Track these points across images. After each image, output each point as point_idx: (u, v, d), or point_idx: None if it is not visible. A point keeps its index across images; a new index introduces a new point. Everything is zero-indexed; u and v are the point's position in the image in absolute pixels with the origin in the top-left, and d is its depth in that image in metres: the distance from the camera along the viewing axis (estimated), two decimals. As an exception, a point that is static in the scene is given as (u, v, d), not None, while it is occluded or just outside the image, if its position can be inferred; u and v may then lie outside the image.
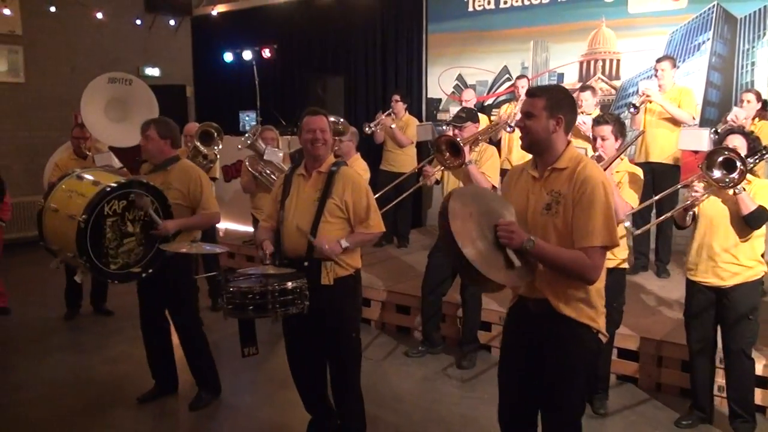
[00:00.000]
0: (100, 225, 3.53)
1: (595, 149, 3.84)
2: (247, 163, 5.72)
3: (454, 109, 6.55)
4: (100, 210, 3.52)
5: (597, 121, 3.86)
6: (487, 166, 4.56)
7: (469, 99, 6.94)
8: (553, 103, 2.47)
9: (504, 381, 2.73)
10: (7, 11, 8.95)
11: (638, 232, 4.21)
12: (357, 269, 3.39)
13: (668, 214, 3.70)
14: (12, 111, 9.26)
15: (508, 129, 6.20)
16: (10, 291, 6.27)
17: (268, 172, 5.59)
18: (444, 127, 6.38)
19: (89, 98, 6.31)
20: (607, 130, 3.76)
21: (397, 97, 7.31)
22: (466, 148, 4.42)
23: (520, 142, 2.64)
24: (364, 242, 3.37)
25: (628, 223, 3.86)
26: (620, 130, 3.80)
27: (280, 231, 3.32)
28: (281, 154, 5.61)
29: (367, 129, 7.04)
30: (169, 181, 3.91)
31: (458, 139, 4.41)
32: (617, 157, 3.78)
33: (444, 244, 2.31)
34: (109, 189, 3.55)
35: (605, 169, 3.67)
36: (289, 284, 3.07)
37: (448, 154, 4.43)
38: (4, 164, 7.83)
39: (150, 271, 3.78)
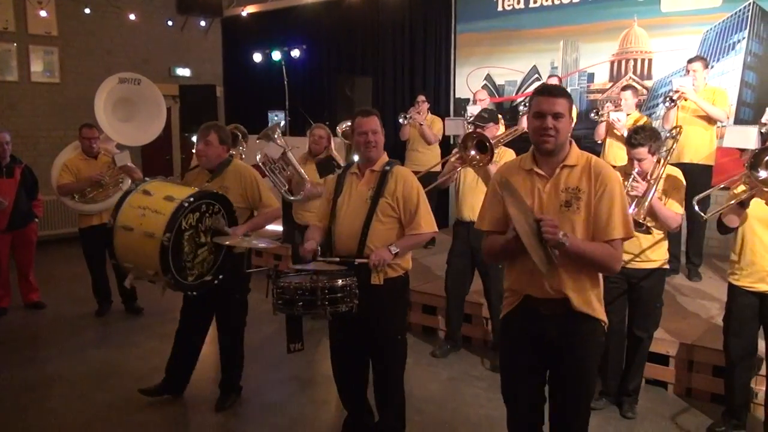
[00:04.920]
0: (179, 241, 3.47)
1: (632, 167, 3.70)
2: (258, 159, 5.63)
3: (471, 109, 6.54)
4: (179, 226, 3.44)
5: (632, 144, 3.66)
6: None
7: (483, 99, 6.96)
8: (571, 103, 2.57)
9: (517, 388, 2.69)
10: (43, 13, 9.17)
11: (707, 216, 4.04)
12: (406, 270, 3.38)
13: (725, 206, 3.54)
14: (48, 110, 9.49)
15: None
16: (42, 286, 6.41)
17: (276, 171, 5.54)
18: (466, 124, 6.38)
19: (101, 98, 6.40)
20: (643, 152, 3.63)
21: (422, 97, 7.61)
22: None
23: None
24: (414, 245, 3.36)
25: (697, 208, 3.79)
26: (657, 146, 3.68)
27: (331, 229, 3.33)
28: (279, 153, 5.52)
29: (401, 119, 7.44)
30: (226, 185, 3.88)
31: (489, 138, 4.39)
32: (664, 165, 3.73)
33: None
34: (186, 204, 3.46)
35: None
36: (339, 282, 3.08)
37: (473, 152, 4.39)
38: (42, 162, 8.00)
39: (221, 276, 3.75)
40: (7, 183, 5.89)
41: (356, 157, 6.09)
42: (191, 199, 3.50)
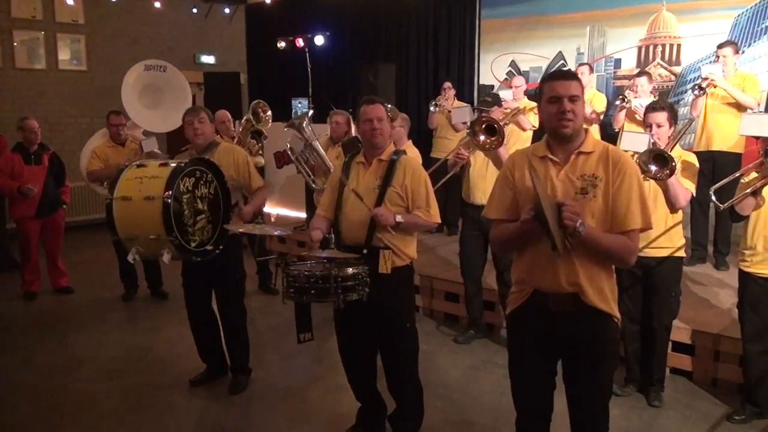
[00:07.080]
0: (179, 203, 3.52)
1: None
2: (288, 150, 5.75)
3: (505, 95, 6.51)
4: (177, 187, 3.50)
5: (652, 108, 3.77)
6: (515, 148, 4.54)
7: (519, 85, 6.89)
8: (583, 87, 2.50)
9: (527, 388, 2.63)
10: (70, 1, 9.26)
11: (725, 206, 3.92)
12: (412, 260, 3.38)
13: (740, 196, 3.51)
14: (75, 98, 9.62)
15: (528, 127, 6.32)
16: (70, 272, 6.53)
17: (302, 161, 5.60)
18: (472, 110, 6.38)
19: (128, 85, 6.45)
20: (662, 116, 3.70)
21: (449, 84, 7.56)
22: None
23: None
24: (417, 225, 3.32)
25: (714, 198, 3.74)
26: (674, 117, 3.75)
27: (338, 218, 3.33)
28: (301, 146, 5.62)
29: (432, 108, 7.42)
30: (217, 163, 3.94)
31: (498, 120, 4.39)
32: (673, 145, 3.69)
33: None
34: (183, 164, 3.58)
35: None
36: (351, 270, 3.07)
37: (483, 136, 4.37)
38: (69, 149, 8.12)
39: (220, 247, 3.81)
40: (36, 170, 6.00)
41: None
42: (186, 161, 3.66)
